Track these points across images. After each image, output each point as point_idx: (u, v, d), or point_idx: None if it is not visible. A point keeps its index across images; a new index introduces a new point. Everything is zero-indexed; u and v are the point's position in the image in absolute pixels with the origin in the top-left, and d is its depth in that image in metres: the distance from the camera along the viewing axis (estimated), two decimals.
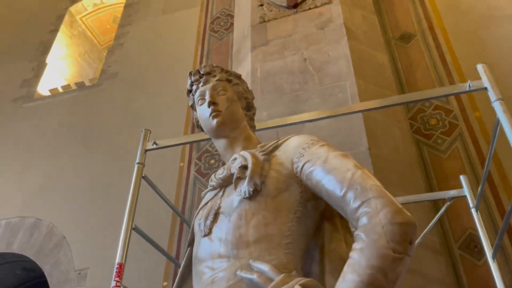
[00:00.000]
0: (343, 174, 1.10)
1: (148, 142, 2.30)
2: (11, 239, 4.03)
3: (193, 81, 1.57)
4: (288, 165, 1.26)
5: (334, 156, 1.18)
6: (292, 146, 1.32)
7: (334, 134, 2.80)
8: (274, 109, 3.06)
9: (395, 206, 0.99)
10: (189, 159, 3.78)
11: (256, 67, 3.34)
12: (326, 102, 2.95)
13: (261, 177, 1.24)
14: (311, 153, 1.23)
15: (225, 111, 1.46)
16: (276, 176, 1.24)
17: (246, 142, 1.47)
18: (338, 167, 1.13)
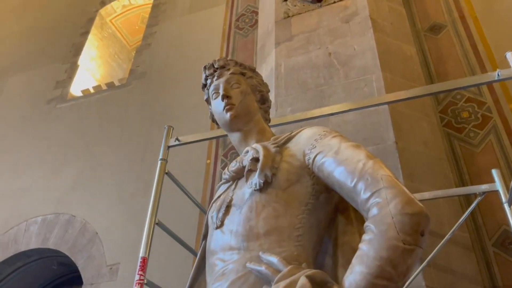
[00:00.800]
0: (354, 165, 1.09)
1: (171, 139, 2.34)
2: (47, 235, 4.19)
3: (207, 75, 1.59)
4: (300, 156, 1.26)
5: (346, 147, 1.17)
6: (304, 138, 1.32)
7: (360, 129, 2.76)
8: (298, 105, 3.05)
9: (406, 196, 0.97)
10: (215, 156, 3.81)
11: (280, 63, 3.34)
12: (351, 97, 2.92)
13: (272, 169, 1.24)
14: (323, 144, 1.23)
15: (239, 104, 1.47)
16: (288, 168, 1.24)
17: (260, 135, 1.47)
18: (349, 157, 1.13)
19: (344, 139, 1.25)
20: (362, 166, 1.07)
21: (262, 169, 1.24)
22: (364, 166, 1.07)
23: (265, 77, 3.52)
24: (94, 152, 4.58)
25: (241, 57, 4.29)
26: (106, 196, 4.14)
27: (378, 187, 1.00)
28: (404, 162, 2.52)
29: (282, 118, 2.24)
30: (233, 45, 4.50)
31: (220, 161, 3.77)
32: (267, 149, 1.31)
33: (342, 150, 1.16)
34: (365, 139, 2.68)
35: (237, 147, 1.52)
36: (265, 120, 1.58)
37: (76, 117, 5.08)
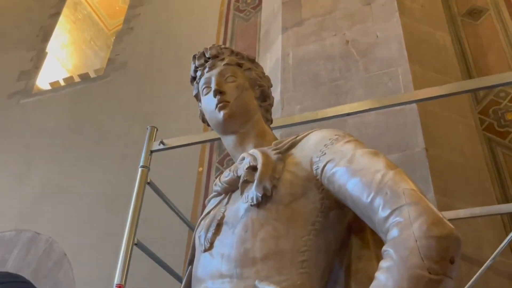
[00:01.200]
0: (371, 176, 1.09)
1: (155, 142, 2.36)
2: (6, 256, 4.19)
3: (197, 66, 1.60)
4: (307, 165, 1.26)
5: (362, 155, 1.17)
6: (312, 143, 1.31)
7: (383, 132, 2.77)
8: (309, 102, 3.07)
9: (432, 215, 0.96)
10: (209, 163, 3.82)
11: (287, 52, 3.36)
12: (372, 93, 2.93)
13: (272, 180, 1.24)
14: (334, 150, 1.23)
15: (234, 101, 1.48)
16: (291, 179, 1.24)
17: (259, 139, 1.48)
18: (365, 167, 1.12)
19: (360, 144, 1.24)
20: (380, 178, 1.07)
21: (260, 180, 1.24)
22: (383, 177, 1.07)
23: (270, 69, 3.53)
24: (64, 157, 4.60)
25: (242, 45, 4.31)
26: (77, 210, 4.14)
27: (400, 204, 1.00)
28: (435, 173, 2.52)
29: (288, 118, 2.25)
30: (232, 31, 4.51)
31: (215, 169, 3.77)
32: (267, 155, 1.31)
33: (357, 158, 1.16)
34: (389, 145, 2.69)
35: (231, 153, 1.52)
36: (266, 120, 1.58)
37: (43, 114, 5.10)
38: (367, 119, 2.78)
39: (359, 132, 2.75)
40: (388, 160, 1.15)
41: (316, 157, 1.25)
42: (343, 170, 1.16)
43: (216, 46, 1.60)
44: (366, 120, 2.78)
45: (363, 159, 1.15)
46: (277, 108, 3.07)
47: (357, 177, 1.12)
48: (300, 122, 2.24)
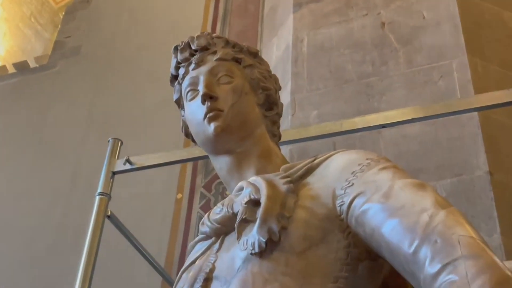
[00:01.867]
0: (415, 217, 1.10)
1: (118, 160, 2.38)
2: None
3: (180, 61, 1.61)
4: (328, 200, 1.27)
5: (403, 187, 1.18)
6: (335, 169, 1.33)
7: (431, 149, 2.79)
8: (329, 106, 3.09)
9: (498, 273, 0.97)
10: (191, 188, 3.84)
11: (301, 37, 3.39)
12: (417, 95, 2.95)
13: (280, 220, 1.24)
14: (365, 180, 1.24)
15: (230, 109, 1.49)
16: (306, 219, 1.25)
17: (263, 162, 1.49)
18: (407, 204, 1.13)
19: (400, 172, 1.25)
20: (428, 220, 1.07)
21: (264, 219, 1.25)
22: (432, 219, 1.07)
23: (277, 59, 3.56)
24: None
25: (238, 27, 4.33)
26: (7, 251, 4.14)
27: (454, 256, 1.00)
28: (502, 206, 2.53)
29: (301, 130, 2.27)
30: (224, 8, 4.54)
31: (199, 196, 3.79)
32: (273, 186, 1.32)
33: (396, 192, 1.17)
34: (438, 167, 2.70)
35: (225, 180, 1.53)
36: (273, 136, 1.59)
37: None
38: (409, 130, 2.80)
39: (398, 149, 2.77)
40: (438, 195, 1.16)
41: (340, 189, 1.26)
42: (377, 207, 1.17)
43: (206, 35, 1.62)
44: (408, 131, 2.80)
45: (404, 194, 1.16)
46: (286, 114, 3.08)
47: (396, 218, 1.12)
48: (317, 136, 2.25)
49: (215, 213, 1.41)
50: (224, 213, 1.37)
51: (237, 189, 1.41)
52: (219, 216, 1.38)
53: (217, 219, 1.39)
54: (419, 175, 2.61)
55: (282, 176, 1.37)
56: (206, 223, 1.42)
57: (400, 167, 1.31)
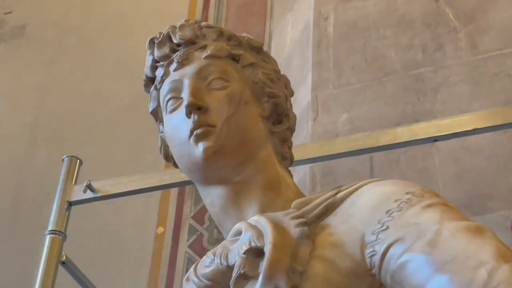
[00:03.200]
0: (469, 274, 1.12)
1: (76, 186, 2.39)
2: None
3: (158, 58, 1.65)
4: (355, 248, 1.30)
5: (454, 232, 1.20)
6: (365, 207, 1.36)
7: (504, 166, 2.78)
8: (364, 108, 3.09)
9: None
10: (176, 220, 3.85)
11: (325, 13, 3.39)
12: (484, 92, 2.95)
13: (291, 277, 1.27)
14: (404, 222, 1.26)
15: (224, 125, 1.52)
16: (325, 274, 1.28)
17: (270, 195, 1.53)
18: (460, 256, 1.15)
19: (450, 211, 1.28)
20: (486, 278, 1.09)
21: (269, 275, 1.27)
22: (491, 277, 1.09)
23: (293, 43, 3.57)
24: None
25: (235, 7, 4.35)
26: None
27: None
28: None
29: (323, 144, 2.29)
30: None
31: (188, 231, 3.80)
32: (281, 229, 1.35)
33: (445, 239, 1.19)
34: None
35: (218, 219, 1.57)
36: (282, 159, 1.63)
37: None
38: (473, 140, 2.79)
39: (458, 167, 2.75)
40: (501, 243, 1.18)
41: (371, 234, 1.29)
42: (420, 260, 1.19)
43: (192, 23, 1.65)
44: (472, 142, 2.79)
45: (456, 241, 1.18)
46: (305, 119, 3.11)
47: (446, 274, 1.14)
48: (344, 153, 2.28)
49: (204, 266, 1.43)
50: (216, 266, 1.40)
51: (233, 233, 1.44)
52: (210, 270, 1.40)
53: (206, 273, 1.41)
54: (487, 203, 2.62)
55: (294, 215, 1.39)
56: (192, 279, 1.45)
57: (450, 205, 1.34)
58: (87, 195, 2.37)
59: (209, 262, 1.43)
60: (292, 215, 1.40)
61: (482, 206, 2.56)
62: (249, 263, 1.33)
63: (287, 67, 3.48)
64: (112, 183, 2.41)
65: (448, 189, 2.66)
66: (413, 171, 2.76)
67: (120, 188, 2.40)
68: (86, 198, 2.38)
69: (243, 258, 1.34)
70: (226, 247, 1.42)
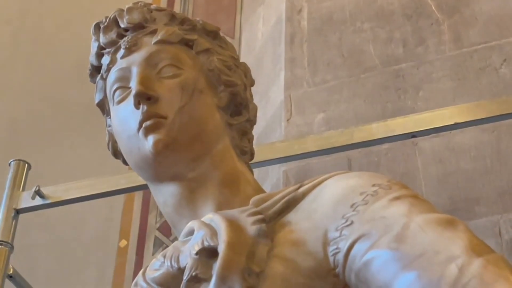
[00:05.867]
0: (439, 270, 1.11)
1: (24, 192, 2.37)
2: None
3: (104, 45, 1.65)
4: (317, 246, 1.30)
5: (423, 226, 1.20)
6: (328, 201, 1.35)
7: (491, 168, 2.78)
8: (341, 107, 3.08)
9: None
10: (141, 232, 3.84)
11: (298, 5, 3.39)
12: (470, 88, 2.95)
13: (247, 278, 1.26)
14: (370, 216, 1.26)
15: (177, 116, 1.52)
16: (285, 275, 1.27)
17: (227, 192, 1.52)
18: (429, 251, 1.15)
19: (420, 204, 1.28)
20: (457, 274, 1.09)
21: (222, 277, 1.26)
22: (462, 272, 1.09)
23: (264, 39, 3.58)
24: None
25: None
26: None
27: None
28: None
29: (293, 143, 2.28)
30: None
31: (153, 243, 3.79)
32: (237, 227, 1.34)
33: (413, 233, 1.19)
34: (504, 192, 2.70)
35: (171, 220, 1.56)
36: (241, 153, 1.63)
37: None
38: (459, 140, 2.80)
39: (442, 169, 2.75)
40: (474, 237, 1.18)
41: (335, 230, 1.28)
42: (387, 256, 1.19)
43: (141, 6, 1.64)
44: (458, 142, 2.79)
45: (425, 235, 1.18)
46: (277, 120, 3.11)
47: (414, 271, 1.14)
48: (317, 151, 2.26)
49: (154, 269, 1.42)
50: (166, 269, 1.38)
51: (185, 233, 1.43)
52: (159, 274, 1.39)
53: (156, 277, 1.40)
54: (474, 207, 2.62)
55: (251, 212, 1.38)
56: (140, 284, 1.44)
57: (420, 197, 1.33)
58: (36, 202, 2.34)
59: (158, 265, 1.42)
60: (249, 212, 1.39)
61: (468, 211, 2.56)
62: (201, 265, 1.32)
63: (259, 65, 3.49)
64: (63, 188, 2.38)
65: (432, 193, 2.65)
66: (394, 174, 2.74)
67: (73, 193, 2.37)
68: (35, 205, 2.35)
69: (195, 259, 1.33)
70: (177, 248, 1.42)
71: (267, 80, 3.43)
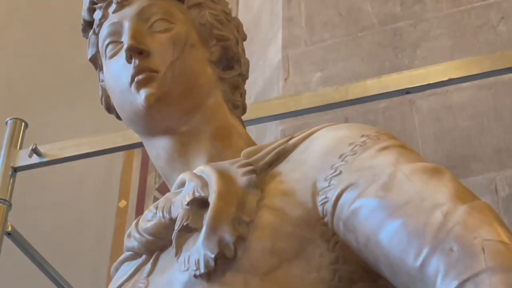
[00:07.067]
0: (424, 217, 1.12)
1: (21, 150, 2.39)
2: None
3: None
4: (306, 196, 1.31)
5: (409, 174, 1.21)
6: (317, 152, 1.36)
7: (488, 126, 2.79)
8: (339, 66, 3.09)
9: None
10: (140, 192, 3.86)
11: None
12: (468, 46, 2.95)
13: (237, 227, 1.27)
14: (358, 166, 1.27)
15: (168, 70, 1.52)
16: (275, 224, 1.28)
17: (219, 146, 1.54)
18: (415, 199, 1.16)
19: (407, 154, 1.29)
20: (441, 220, 1.10)
21: (213, 226, 1.27)
22: (447, 219, 1.09)
23: None
24: None
25: None
26: None
27: (475, 270, 1.02)
28: None
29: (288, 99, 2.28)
30: None
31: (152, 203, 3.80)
32: (227, 178, 1.35)
33: (400, 182, 1.20)
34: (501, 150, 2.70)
35: (164, 173, 1.58)
36: (233, 107, 1.63)
37: None
38: (456, 99, 2.80)
39: (439, 127, 2.75)
40: (459, 184, 1.19)
41: (324, 180, 1.29)
42: (373, 205, 1.20)
43: None
44: (454, 101, 2.80)
45: (411, 184, 1.19)
46: (275, 79, 3.11)
47: (399, 218, 1.15)
48: (312, 108, 2.27)
49: (146, 220, 1.44)
50: (158, 220, 1.40)
51: (177, 185, 1.45)
52: (152, 224, 1.41)
53: (148, 228, 1.42)
54: (471, 164, 2.63)
55: (242, 163, 1.40)
56: (133, 235, 1.45)
57: (409, 147, 1.35)
58: (33, 160, 2.35)
59: (151, 216, 1.43)
60: (239, 163, 1.40)
61: (465, 168, 2.57)
62: (192, 215, 1.33)
63: (256, 25, 3.49)
64: (60, 146, 2.38)
65: (429, 150, 2.66)
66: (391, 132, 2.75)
67: (69, 151, 2.38)
68: (32, 163, 2.36)
69: (186, 210, 1.34)
70: (169, 199, 1.43)
71: (265, 40, 3.43)
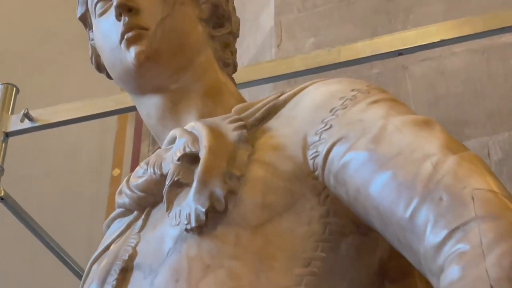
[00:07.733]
0: (414, 168, 1.13)
1: (13, 115, 2.39)
2: None
3: None
4: (296, 150, 1.31)
5: (400, 127, 1.21)
6: (308, 107, 1.37)
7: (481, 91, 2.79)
8: (332, 31, 3.08)
9: None
10: (133, 160, 3.85)
11: None
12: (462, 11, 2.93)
13: (227, 181, 1.28)
14: (348, 120, 1.27)
15: (158, 28, 1.52)
16: (265, 178, 1.29)
17: (210, 103, 1.54)
18: (405, 151, 1.16)
19: (398, 106, 1.29)
20: (431, 170, 1.10)
21: (203, 181, 1.28)
22: (437, 169, 1.10)
23: None
24: None
25: None
26: None
27: (465, 218, 1.02)
28: None
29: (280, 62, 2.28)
30: None
31: None
32: (218, 133, 1.35)
33: (390, 134, 1.20)
34: (493, 114, 2.71)
35: (155, 131, 1.58)
36: (224, 65, 1.63)
37: None
38: (448, 64, 2.80)
39: (432, 92, 2.76)
40: (449, 136, 1.19)
41: (314, 135, 1.29)
42: (363, 157, 1.20)
43: None
44: (447, 66, 2.80)
45: (401, 136, 1.19)
46: (267, 46, 3.11)
47: (389, 170, 1.15)
48: (304, 71, 2.26)
49: (137, 177, 1.45)
50: (149, 176, 1.41)
51: (168, 141, 1.45)
52: (142, 181, 1.42)
53: (139, 184, 1.43)
54: (464, 129, 2.64)
55: (232, 119, 1.40)
56: (124, 191, 1.48)
57: (399, 101, 1.35)
58: (25, 125, 2.35)
59: (142, 173, 1.44)
60: (230, 119, 1.40)
61: (458, 133, 2.57)
62: (183, 170, 1.34)
63: None
64: (52, 111, 2.39)
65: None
66: None
67: (61, 116, 2.38)
68: (24, 128, 2.36)
69: (177, 165, 1.35)
70: (160, 155, 1.44)
71: (257, 6, 3.42)
